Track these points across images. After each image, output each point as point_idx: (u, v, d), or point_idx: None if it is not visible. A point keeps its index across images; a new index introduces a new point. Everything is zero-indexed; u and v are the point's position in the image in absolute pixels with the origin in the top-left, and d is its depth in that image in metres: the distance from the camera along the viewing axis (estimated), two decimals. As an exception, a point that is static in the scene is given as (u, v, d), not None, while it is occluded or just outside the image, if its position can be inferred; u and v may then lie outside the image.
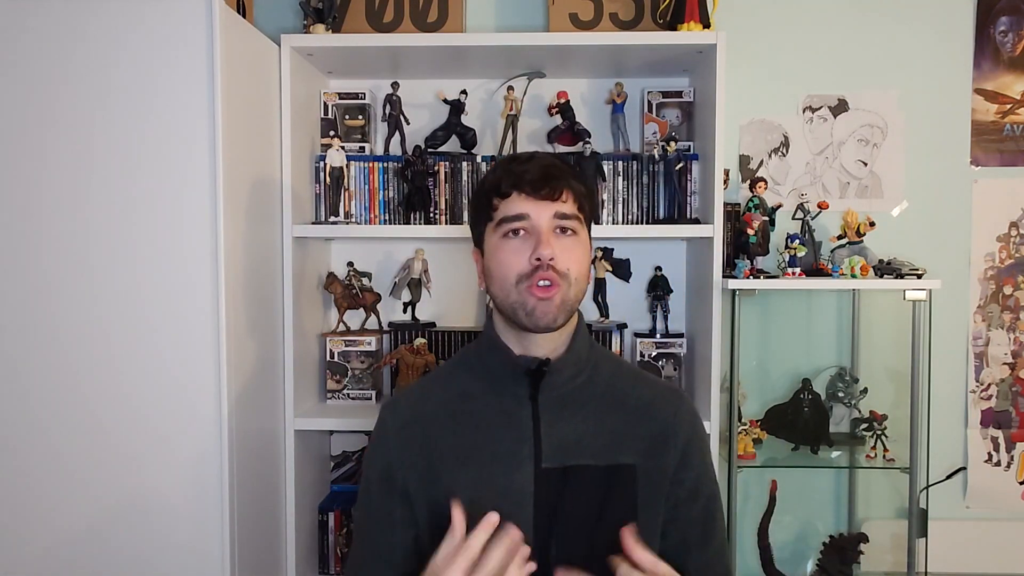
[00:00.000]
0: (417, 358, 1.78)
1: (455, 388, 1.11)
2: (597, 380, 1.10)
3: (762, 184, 1.79)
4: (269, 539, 1.63)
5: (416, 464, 1.06)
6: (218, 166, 1.37)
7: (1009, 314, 1.97)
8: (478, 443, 1.05)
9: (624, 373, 1.14)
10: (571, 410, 1.07)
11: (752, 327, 1.96)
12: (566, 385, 1.08)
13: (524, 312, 1.01)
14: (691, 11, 1.68)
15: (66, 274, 1.38)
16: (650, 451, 1.06)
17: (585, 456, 1.04)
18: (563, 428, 1.05)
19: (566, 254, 1.02)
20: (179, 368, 1.39)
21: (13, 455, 1.40)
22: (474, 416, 1.07)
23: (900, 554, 1.93)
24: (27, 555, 1.41)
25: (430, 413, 1.09)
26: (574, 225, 1.04)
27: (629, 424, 1.07)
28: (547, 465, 1.03)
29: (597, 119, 1.92)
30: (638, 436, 1.06)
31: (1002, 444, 1.98)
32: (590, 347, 1.13)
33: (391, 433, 1.10)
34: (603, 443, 1.05)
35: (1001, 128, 1.96)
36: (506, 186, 1.02)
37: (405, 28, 1.83)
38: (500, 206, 1.03)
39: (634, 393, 1.10)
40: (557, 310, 1.01)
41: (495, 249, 1.04)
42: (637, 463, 1.05)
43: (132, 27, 1.36)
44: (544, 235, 1.00)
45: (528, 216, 1.01)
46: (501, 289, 1.03)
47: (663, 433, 1.07)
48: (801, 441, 1.80)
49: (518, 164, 1.04)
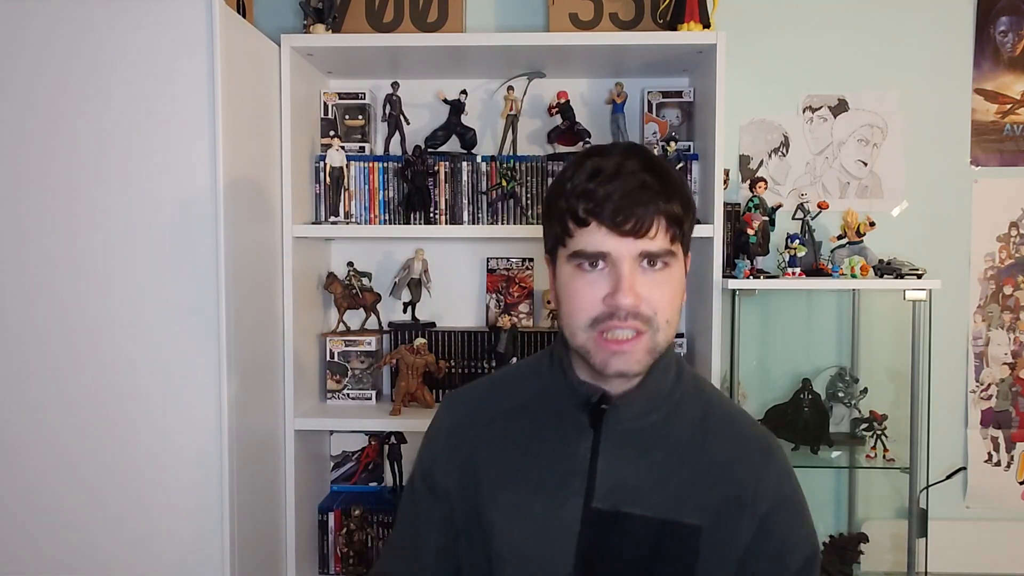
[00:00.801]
0: (417, 358, 1.78)
1: (513, 400, 1.00)
2: (676, 422, 0.95)
3: (762, 184, 1.79)
4: (269, 539, 1.63)
5: (459, 470, 0.98)
6: (218, 166, 1.37)
7: (1009, 314, 1.97)
8: (525, 466, 0.94)
9: (713, 417, 0.97)
10: (636, 451, 0.92)
11: (752, 327, 1.96)
12: (635, 421, 0.93)
13: (596, 361, 0.88)
14: (691, 11, 1.68)
15: (66, 274, 1.39)
16: (721, 516, 0.90)
17: (643, 505, 0.90)
18: (624, 468, 0.91)
19: (654, 293, 0.86)
20: (179, 368, 1.39)
21: (14, 455, 1.40)
22: (527, 435, 0.96)
23: (900, 554, 1.93)
24: (27, 554, 1.41)
25: (484, 420, 1.00)
26: (666, 259, 0.87)
27: (701, 481, 0.92)
28: (598, 506, 0.90)
29: (597, 119, 1.92)
30: (709, 496, 0.91)
31: (1002, 444, 1.98)
32: (675, 382, 0.97)
33: (442, 433, 1.03)
34: (667, 495, 0.91)
35: (1001, 128, 1.96)
36: (583, 212, 0.85)
37: (405, 28, 1.83)
38: (576, 235, 0.87)
39: (715, 444, 0.94)
40: (639, 364, 0.87)
41: (567, 279, 0.89)
42: (703, 525, 0.90)
43: (132, 27, 1.36)
44: (626, 279, 0.84)
45: (608, 254, 0.85)
46: (568, 327, 0.90)
47: (739, 498, 0.91)
48: (801, 441, 1.80)
49: (600, 183, 0.85)
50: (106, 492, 1.40)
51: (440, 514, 1.00)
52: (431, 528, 1.01)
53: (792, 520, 0.94)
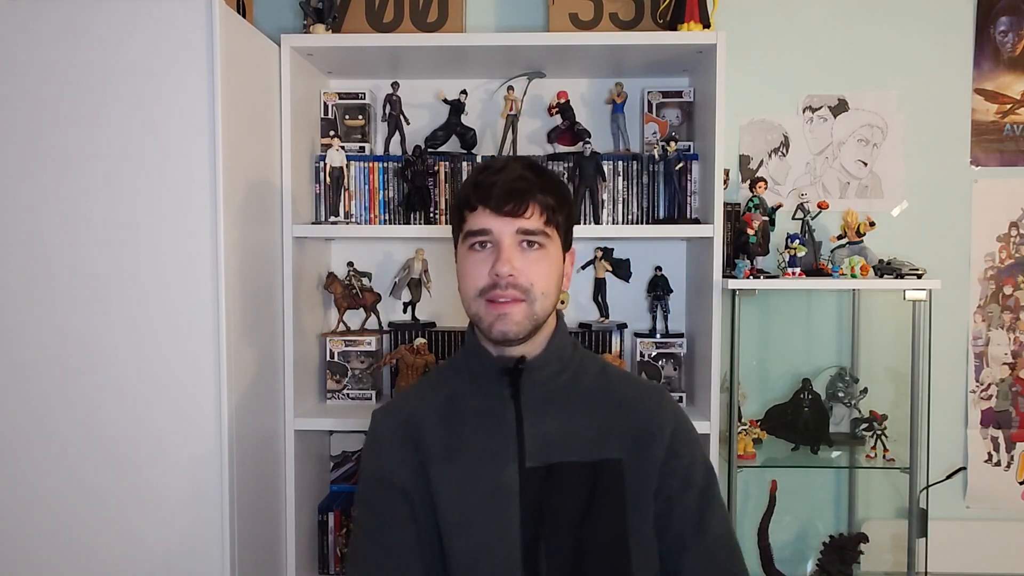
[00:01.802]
0: (417, 358, 1.78)
1: (444, 390, 1.13)
2: (581, 379, 1.11)
3: (762, 184, 1.79)
4: (269, 539, 1.63)
5: (410, 462, 1.08)
6: (218, 166, 1.37)
7: (1009, 314, 1.97)
8: (465, 442, 1.06)
9: (609, 372, 1.15)
10: (555, 407, 1.07)
11: (752, 327, 1.96)
12: (549, 383, 1.09)
13: (484, 325, 1.04)
14: (691, 11, 1.68)
15: (67, 274, 1.38)
16: (636, 445, 1.06)
17: (570, 453, 1.04)
18: (547, 426, 1.06)
19: (530, 268, 1.02)
20: (179, 368, 1.39)
21: (14, 455, 1.40)
22: (462, 415, 1.09)
23: (900, 554, 1.93)
24: (28, 554, 1.41)
25: (421, 414, 1.11)
26: (540, 239, 1.04)
27: (614, 420, 1.07)
28: (531, 464, 1.03)
29: (597, 119, 1.91)
30: (623, 431, 1.07)
31: (1002, 444, 1.98)
32: (573, 348, 1.14)
33: (385, 435, 1.12)
34: (588, 439, 1.05)
35: (1001, 128, 1.96)
36: (473, 199, 1.04)
37: (405, 28, 1.83)
38: (468, 219, 1.05)
39: (619, 390, 1.11)
40: (518, 326, 1.02)
41: (461, 259, 1.07)
42: (623, 458, 1.05)
43: (132, 27, 1.36)
44: (505, 251, 1.01)
45: (490, 231, 1.02)
46: (464, 300, 1.07)
47: (647, 426, 1.07)
48: (801, 441, 1.80)
49: (487, 175, 1.04)
50: (106, 492, 1.40)
51: (404, 511, 1.07)
52: (400, 528, 1.07)
53: (691, 442, 1.11)
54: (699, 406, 1.76)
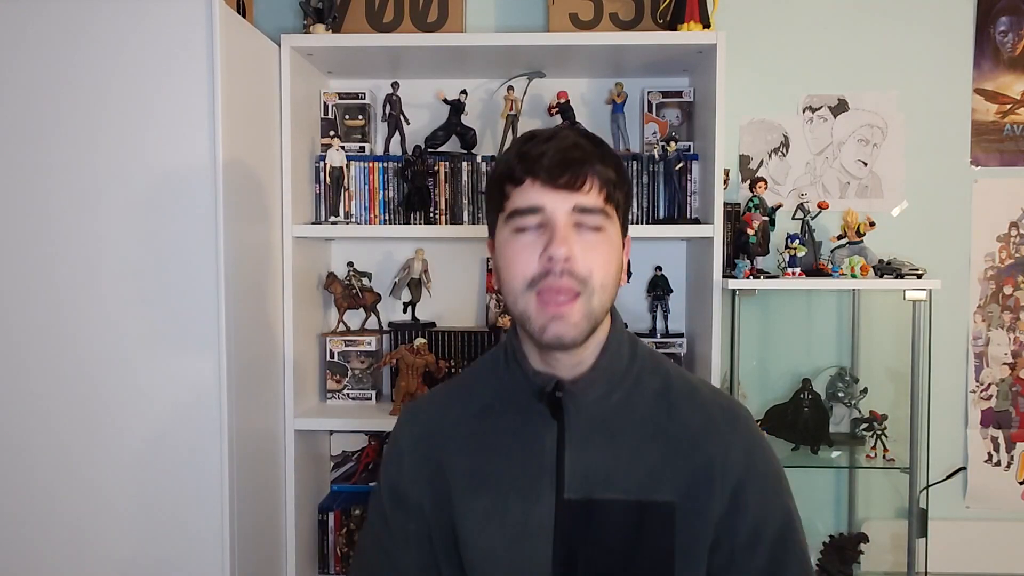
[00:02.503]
0: (417, 358, 1.78)
1: (476, 402, 0.98)
2: (637, 400, 0.93)
3: (762, 184, 1.79)
4: (269, 539, 1.63)
5: (430, 481, 0.96)
6: (218, 166, 1.37)
7: (1009, 314, 1.97)
8: (495, 469, 0.92)
9: (674, 391, 0.95)
10: (602, 435, 0.91)
11: (752, 327, 1.96)
12: (597, 405, 0.92)
13: (534, 328, 0.86)
14: (691, 11, 1.68)
15: (66, 274, 1.38)
16: (693, 490, 0.89)
17: (614, 490, 0.89)
18: (591, 456, 0.90)
19: (589, 254, 0.85)
20: (179, 367, 1.39)
21: (13, 455, 1.40)
22: (492, 437, 0.94)
23: (900, 554, 1.93)
24: (28, 554, 1.41)
25: (448, 428, 0.98)
26: (599, 220, 0.86)
27: (670, 456, 0.90)
28: (570, 496, 0.89)
29: (597, 119, 1.91)
30: (678, 471, 0.90)
31: (1002, 444, 1.98)
32: (630, 359, 0.95)
33: (406, 446, 0.99)
34: (637, 477, 0.89)
35: (1001, 128, 1.96)
36: (519, 171, 0.86)
37: (405, 28, 1.83)
38: (512, 195, 0.87)
39: (680, 418, 0.93)
40: (575, 328, 0.85)
41: (504, 245, 0.88)
42: (676, 501, 0.89)
43: (132, 27, 1.36)
44: (560, 231, 0.83)
45: (542, 208, 0.84)
46: (509, 294, 0.88)
47: (708, 469, 0.90)
48: (801, 441, 1.80)
49: (534, 144, 0.87)
50: (106, 492, 1.40)
51: (416, 528, 0.97)
52: (408, 546, 0.97)
53: (765, 492, 0.92)
54: (699, 406, 1.76)
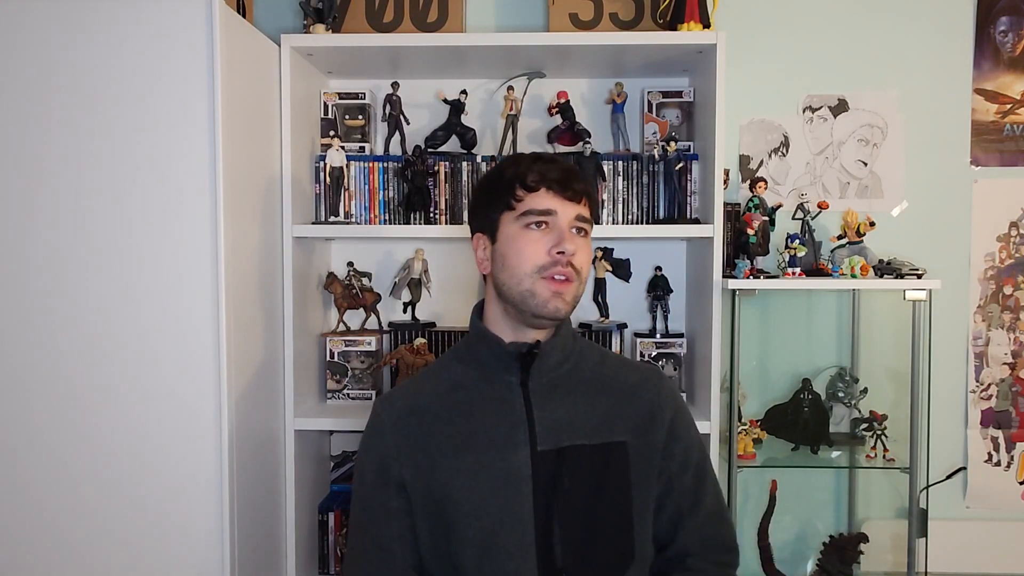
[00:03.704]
0: (417, 358, 1.78)
1: (447, 380, 1.16)
2: (583, 366, 1.16)
3: (762, 184, 1.79)
4: (269, 539, 1.63)
5: (412, 455, 1.10)
6: (218, 166, 1.37)
7: (1009, 314, 1.97)
8: (473, 431, 1.09)
9: (608, 360, 1.21)
10: (561, 394, 1.12)
11: (752, 327, 1.96)
12: (554, 371, 1.13)
13: (536, 302, 1.07)
14: (691, 11, 1.67)
15: (66, 274, 1.38)
16: (639, 429, 1.12)
17: (578, 436, 1.09)
18: (555, 411, 1.10)
19: (581, 253, 1.09)
20: (179, 368, 1.39)
21: (13, 455, 1.40)
22: (468, 405, 1.12)
23: (900, 554, 1.93)
24: (27, 554, 1.41)
25: (424, 405, 1.13)
26: (587, 227, 1.12)
27: (617, 405, 1.13)
28: (542, 447, 1.07)
29: (597, 119, 1.91)
30: (627, 416, 1.13)
31: (1002, 444, 1.98)
32: (574, 337, 1.19)
33: (386, 427, 1.14)
34: (594, 424, 1.10)
35: (1001, 128, 1.96)
36: (534, 180, 1.08)
37: (405, 28, 1.83)
38: (526, 198, 1.08)
39: (619, 377, 1.17)
40: (568, 304, 1.09)
41: (513, 237, 1.09)
42: (628, 441, 1.11)
43: (132, 27, 1.36)
44: (566, 232, 1.07)
45: (555, 212, 1.07)
46: (513, 276, 1.08)
47: (650, 412, 1.14)
48: (801, 441, 1.80)
49: (543, 163, 1.10)
50: (106, 492, 1.40)
51: (397, 504, 1.11)
52: (391, 521, 1.11)
53: (688, 424, 1.19)
54: (699, 406, 1.76)
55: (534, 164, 1.10)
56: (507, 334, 1.13)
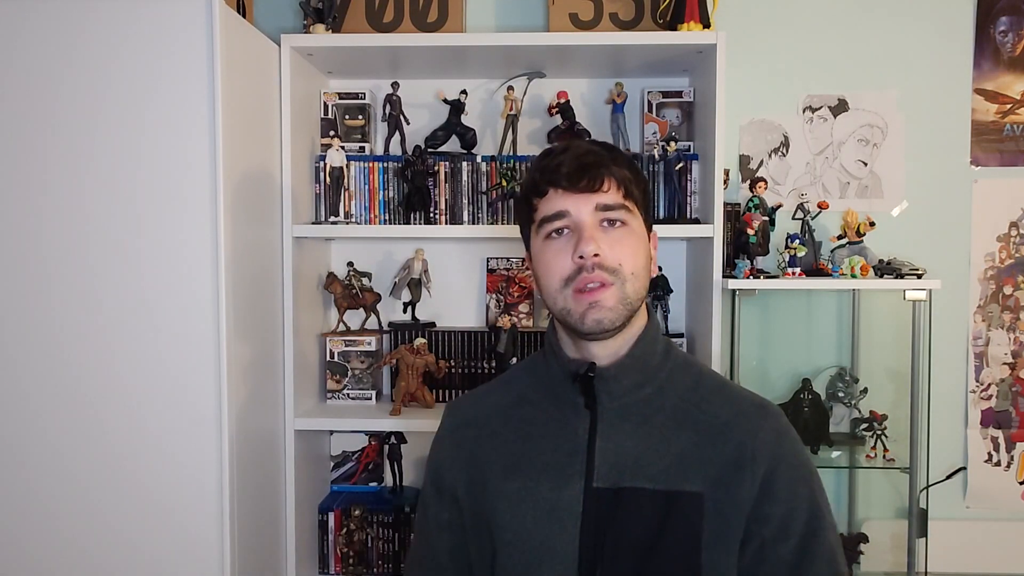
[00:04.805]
0: (417, 358, 1.78)
1: (514, 392, 1.05)
2: (669, 392, 0.98)
3: (762, 184, 1.79)
4: (269, 539, 1.63)
5: (465, 469, 1.02)
6: (218, 166, 1.37)
7: (1009, 314, 1.97)
8: (527, 453, 0.98)
9: (704, 385, 1.00)
10: (633, 424, 0.95)
11: (752, 327, 1.96)
12: (628, 395, 0.97)
13: (575, 319, 0.93)
14: (691, 11, 1.67)
15: (66, 274, 1.38)
16: (722, 479, 0.92)
17: (643, 478, 0.92)
18: (622, 444, 0.94)
19: (616, 248, 0.92)
20: (179, 368, 1.39)
21: (13, 455, 1.40)
22: (527, 423, 1.00)
23: (900, 554, 1.93)
24: (27, 554, 1.41)
25: (484, 416, 1.04)
26: (621, 215, 0.94)
27: (699, 446, 0.93)
28: (599, 484, 0.93)
29: (597, 119, 1.92)
30: (708, 461, 0.93)
31: (1002, 444, 1.98)
32: (664, 354, 1.01)
33: (446, 435, 1.07)
34: (666, 465, 0.92)
35: (1001, 128, 1.96)
36: (542, 184, 0.95)
37: (405, 28, 1.83)
38: (539, 206, 0.96)
39: (711, 410, 0.96)
40: (612, 311, 0.92)
41: (539, 252, 0.97)
42: (705, 492, 0.91)
43: (132, 27, 1.36)
44: (587, 231, 0.92)
45: (567, 213, 0.93)
46: (548, 295, 0.96)
47: (738, 458, 0.92)
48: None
49: (551, 158, 0.96)
50: (106, 492, 1.40)
51: (449, 516, 1.05)
52: (441, 532, 1.05)
53: (794, 481, 0.93)
54: (699, 406, 1.76)
55: (540, 163, 0.97)
56: (572, 351, 1.00)
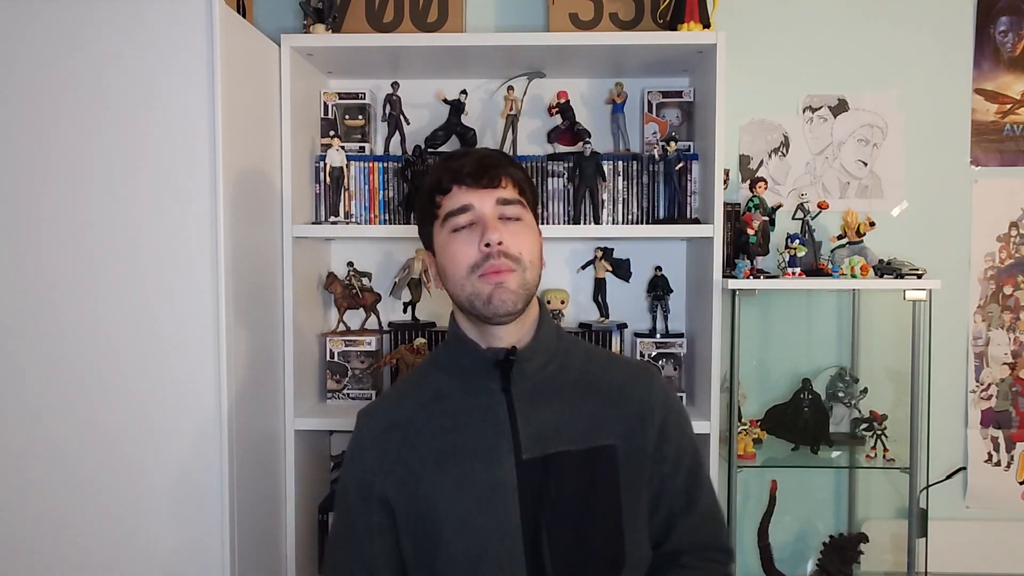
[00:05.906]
0: (417, 358, 1.78)
1: (429, 389, 1.12)
2: (569, 367, 1.11)
3: (762, 184, 1.79)
4: (269, 539, 1.63)
5: (395, 471, 1.07)
6: (218, 166, 1.37)
7: (1009, 314, 1.97)
8: (456, 442, 1.05)
9: (595, 358, 1.15)
10: (545, 398, 1.07)
11: (752, 327, 1.96)
12: (537, 374, 1.08)
13: (481, 301, 1.02)
14: (691, 11, 1.67)
15: (66, 274, 1.38)
16: (628, 432, 1.07)
17: (564, 443, 1.04)
18: (539, 417, 1.05)
19: (515, 239, 1.03)
20: (179, 368, 1.39)
21: (13, 455, 1.40)
22: (450, 415, 1.08)
23: (900, 554, 1.93)
24: (27, 554, 1.41)
25: (406, 417, 1.10)
26: (517, 211, 1.05)
27: (605, 407, 1.08)
28: (527, 456, 1.03)
29: (597, 119, 1.92)
30: (615, 418, 1.08)
31: (1002, 444, 1.98)
32: (558, 336, 1.13)
33: (368, 441, 1.11)
34: (581, 428, 1.06)
35: (1001, 128, 1.96)
36: (446, 182, 1.04)
37: (405, 28, 1.83)
38: (443, 202, 1.05)
39: (607, 377, 1.12)
40: (515, 295, 1.02)
41: (444, 245, 1.05)
42: (616, 443, 1.06)
43: (132, 27, 1.36)
44: (490, 222, 1.01)
45: (471, 206, 1.03)
46: (455, 283, 1.04)
47: (639, 413, 1.09)
48: (801, 441, 1.80)
49: (454, 160, 1.06)
50: (105, 492, 1.40)
51: (379, 520, 1.08)
52: (373, 538, 1.08)
53: (682, 428, 1.14)
54: (699, 406, 1.76)
55: (443, 164, 1.07)
56: (480, 340, 1.08)
